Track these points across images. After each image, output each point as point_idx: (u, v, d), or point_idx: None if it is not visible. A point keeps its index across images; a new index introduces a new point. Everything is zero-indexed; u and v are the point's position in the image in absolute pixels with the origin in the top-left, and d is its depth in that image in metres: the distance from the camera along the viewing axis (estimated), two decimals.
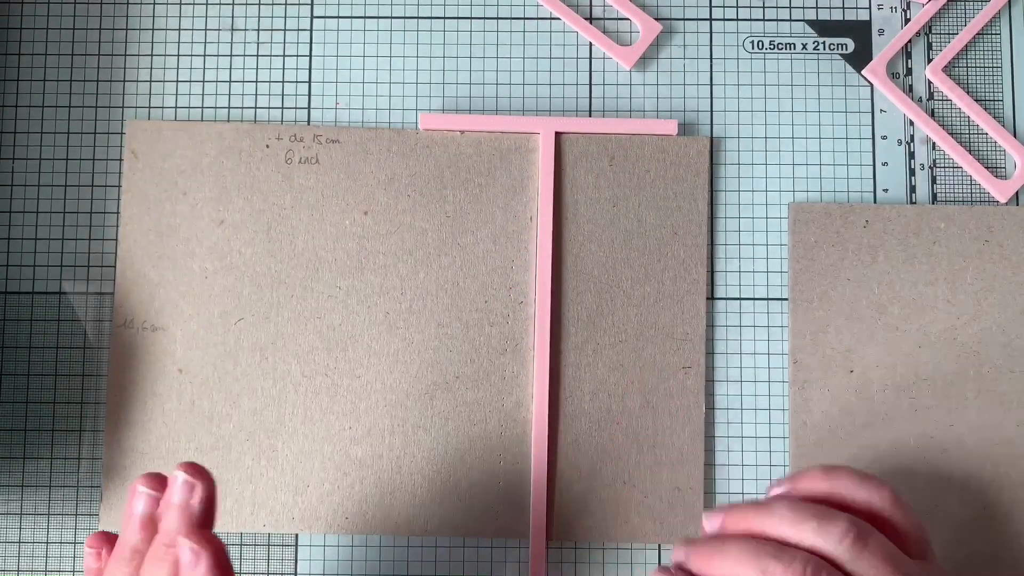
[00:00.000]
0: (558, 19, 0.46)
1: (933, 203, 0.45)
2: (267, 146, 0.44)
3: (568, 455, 0.43)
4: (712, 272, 0.45)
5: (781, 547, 0.33)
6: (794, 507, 0.34)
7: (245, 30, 0.46)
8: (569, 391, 0.43)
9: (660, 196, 0.44)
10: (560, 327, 0.44)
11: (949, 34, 0.46)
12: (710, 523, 0.36)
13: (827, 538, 0.33)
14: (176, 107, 0.45)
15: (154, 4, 0.46)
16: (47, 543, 0.43)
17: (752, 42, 0.46)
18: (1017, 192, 0.45)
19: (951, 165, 0.45)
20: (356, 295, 0.44)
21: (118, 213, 0.44)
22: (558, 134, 0.44)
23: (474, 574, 0.43)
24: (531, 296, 0.44)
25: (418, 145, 0.45)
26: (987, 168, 0.45)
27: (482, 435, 0.43)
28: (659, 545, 0.43)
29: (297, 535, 0.43)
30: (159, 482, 0.34)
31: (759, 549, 0.33)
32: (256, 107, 0.45)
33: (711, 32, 0.46)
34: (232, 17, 0.46)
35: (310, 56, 0.46)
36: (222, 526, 0.43)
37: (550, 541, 0.43)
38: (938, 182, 0.45)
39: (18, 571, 0.43)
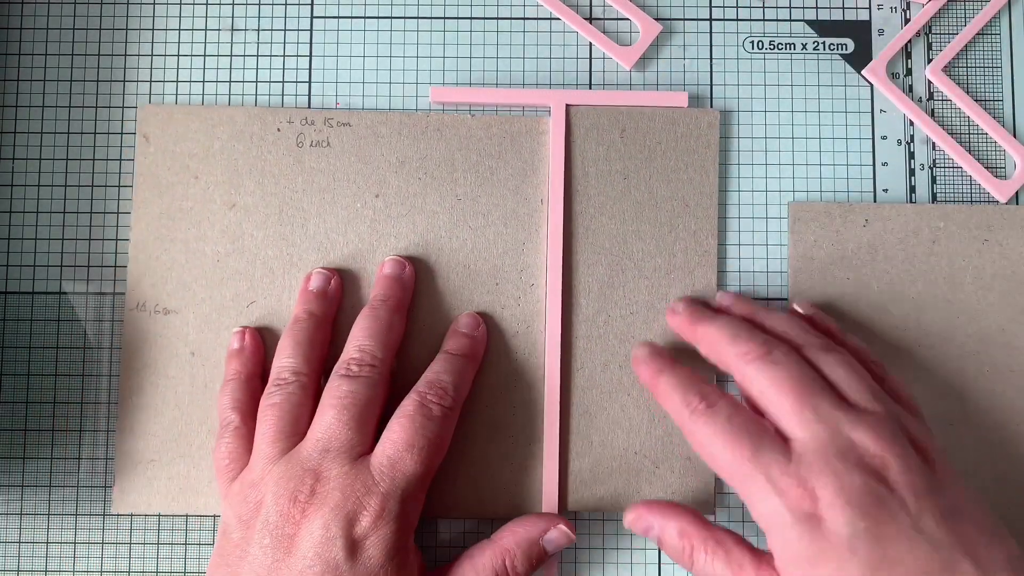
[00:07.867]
0: (558, 19, 0.46)
1: (933, 203, 0.45)
2: (278, 130, 0.44)
3: (580, 427, 0.43)
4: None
5: (755, 330, 0.39)
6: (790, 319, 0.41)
7: (245, 30, 0.46)
8: (580, 362, 0.44)
9: (671, 168, 0.45)
10: (571, 300, 0.44)
11: (949, 34, 0.46)
12: (722, 298, 0.43)
13: (806, 337, 0.39)
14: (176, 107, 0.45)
15: (154, 4, 0.46)
16: (47, 543, 0.43)
17: (752, 42, 0.46)
18: (1017, 192, 0.45)
19: (951, 165, 0.46)
20: (367, 278, 0.44)
21: (118, 213, 0.44)
22: (568, 106, 0.44)
23: None
24: (542, 278, 0.44)
25: (429, 128, 0.45)
26: (987, 168, 0.45)
27: (493, 417, 0.43)
28: None
29: None
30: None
31: (739, 326, 0.39)
32: (256, 107, 0.45)
33: (711, 32, 0.46)
34: (232, 17, 0.46)
35: (310, 56, 0.46)
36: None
37: (562, 512, 0.43)
38: (938, 182, 0.45)
39: (18, 571, 0.43)
